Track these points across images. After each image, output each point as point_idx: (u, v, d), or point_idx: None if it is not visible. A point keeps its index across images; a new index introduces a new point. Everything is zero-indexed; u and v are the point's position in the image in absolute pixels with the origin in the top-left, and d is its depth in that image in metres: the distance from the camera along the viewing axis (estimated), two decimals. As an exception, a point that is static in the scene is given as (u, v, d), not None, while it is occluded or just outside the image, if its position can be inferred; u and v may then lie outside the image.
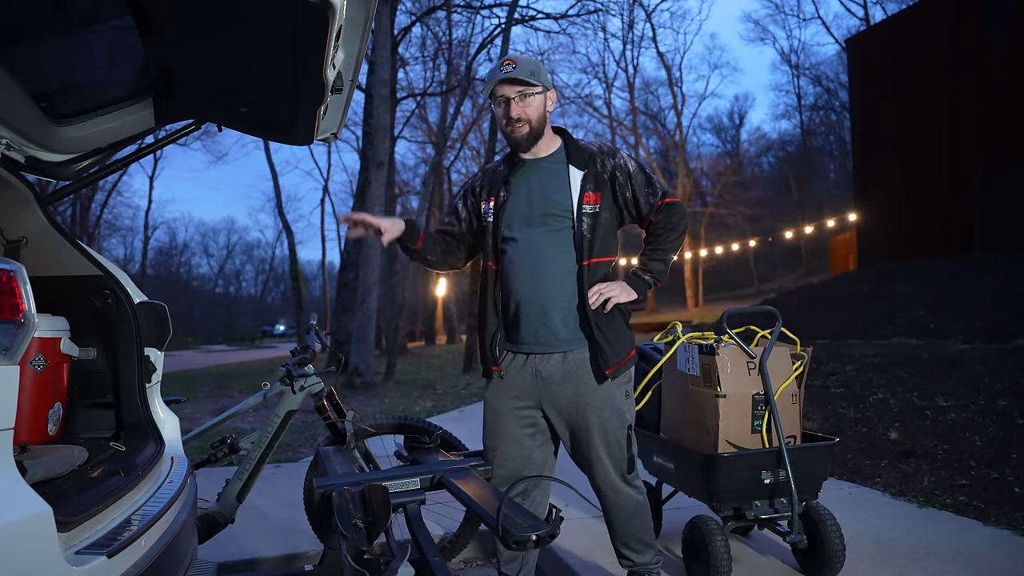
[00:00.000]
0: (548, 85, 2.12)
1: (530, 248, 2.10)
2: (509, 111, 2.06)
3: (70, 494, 1.38)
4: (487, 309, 2.16)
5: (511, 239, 2.13)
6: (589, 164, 2.11)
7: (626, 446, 2.10)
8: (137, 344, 2.06)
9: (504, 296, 2.15)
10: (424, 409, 7.54)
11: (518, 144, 2.11)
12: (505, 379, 2.14)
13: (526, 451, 2.15)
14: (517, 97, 2.05)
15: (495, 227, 2.14)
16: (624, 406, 2.11)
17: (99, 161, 2.33)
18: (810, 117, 40.09)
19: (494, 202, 2.16)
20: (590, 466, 2.11)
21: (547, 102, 2.12)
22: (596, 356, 2.05)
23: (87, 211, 30.74)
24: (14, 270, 1.14)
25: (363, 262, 10.26)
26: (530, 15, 16.02)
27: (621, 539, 2.18)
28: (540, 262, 2.09)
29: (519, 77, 2.03)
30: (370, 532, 1.58)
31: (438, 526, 2.86)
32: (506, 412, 2.13)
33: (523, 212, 2.12)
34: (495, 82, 2.07)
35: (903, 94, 13.17)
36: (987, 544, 2.66)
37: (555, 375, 2.08)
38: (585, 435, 2.08)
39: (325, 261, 38.05)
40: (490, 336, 2.14)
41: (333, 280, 26.09)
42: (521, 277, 2.10)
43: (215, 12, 1.66)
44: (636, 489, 2.15)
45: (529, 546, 1.45)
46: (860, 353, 6.45)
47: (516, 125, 2.07)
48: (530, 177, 2.14)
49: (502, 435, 2.14)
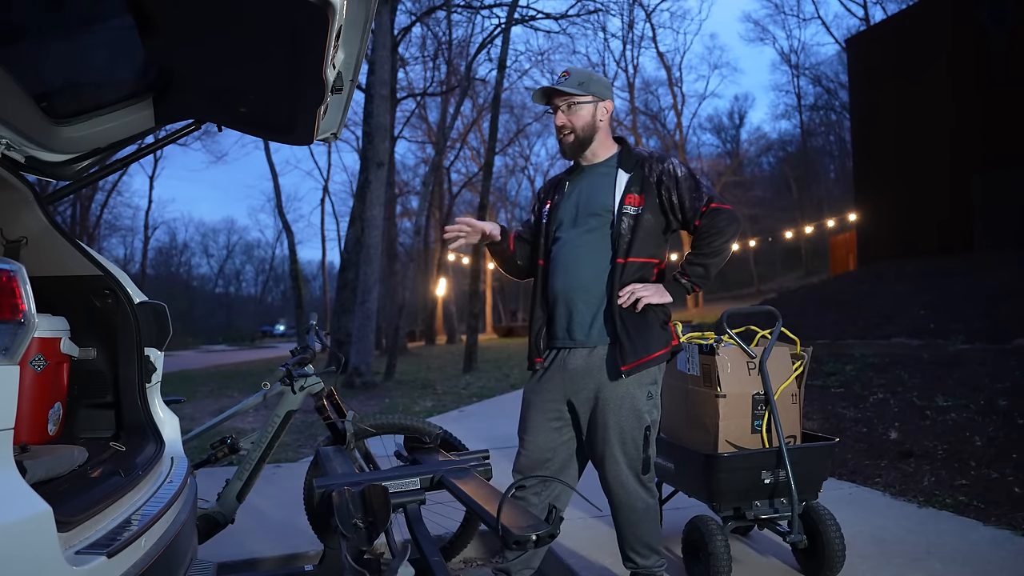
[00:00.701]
0: (602, 96, 2.20)
1: (571, 246, 2.20)
2: (556, 119, 2.19)
3: (70, 494, 1.38)
4: (535, 304, 2.27)
5: (558, 238, 2.24)
6: (636, 168, 2.17)
7: (643, 446, 2.11)
8: (137, 344, 2.06)
9: (546, 292, 2.24)
10: (424, 409, 7.54)
11: (564, 151, 2.25)
12: (543, 375, 2.23)
13: (551, 443, 2.21)
14: (565, 106, 2.17)
15: (547, 227, 2.27)
16: (644, 407, 2.10)
17: (99, 161, 2.33)
18: (810, 117, 40.09)
19: (550, 204, 2.30)
20: (602, 461, 2.12)
21: (598, 111, 2.20)
22: (615, 352, 2.08)
23: (87, 211, 30.77)
24: (14, 270, 1.14)
25: (363, 262, 10.25)
26: (530, 15, 16.03)
27: (627, 542, 2.18)
28: (576, 259, 2.17)
29: (562, 88, 2.15)
30: (370, 532, 1.58)
31: (438, 526, 2.86)
32: (536, 404, 2.22)
33: (571, 212, 2.23)
34: (540, 95, 2.21)
35: (903, 94, 13.16)
36: (987, 544, 2.66)
37: (579, 368, 2.13)
38: (601, 431, 2.10)
39: (325, 261, 38.16)
40: (536, 331, 2.25)
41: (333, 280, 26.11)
42: (559, 274, 2.20)
43: (215, 12, 1.66)
44: (648, 491, 2.15)
45: (529, 546, 1.45)
46: (860, 353, 6.45)
47: (562, 133, 2.19)
48: (583, 181, 2.25)
49: (530, 426, 2.22)
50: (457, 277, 33.65)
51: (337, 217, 36.83)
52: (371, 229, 10.08)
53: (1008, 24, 11.08)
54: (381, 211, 10.38)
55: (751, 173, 39.63)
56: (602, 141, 2.23)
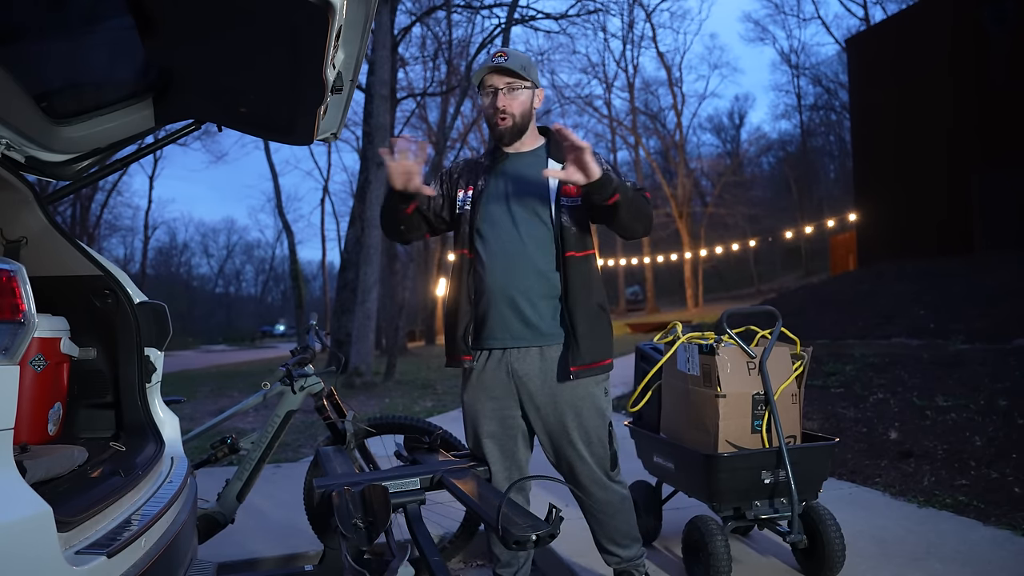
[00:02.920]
0: (537, 83, 2.14)
1: (506, 239, 2.08)
2: (496, 101, 2.07)
3: (70, 494, 1.38)
4: (460, 297, 2.13)
5: (487, 228, 2.11)
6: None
7: (608, 443, 2.10)
8: (137, 344, 2.06)
9: (476, 287, 2.12)
10: (424, 409, 7.54)
11: (501, 136, 2.12)
12: (480, 378, 2.12)
13: (508, 451, 2.13)
14: (505, 88, 2.07)
15: (472, 215, 2.13)
16: (604, 403, 2.10)
17: (99, 161, 2.33)
18: (810, 117, 40.11)
19: (472, 190, 2.15)
20: (572, 465, 2.08)
21: (534, 99, 2.14)
22: (567, 353, 2.03)
23: (87, 211, 30.75)
24: (14, 270, 1.14)
25: (363, 262, 10.25)
26: (530, 15, 16.05)
27: (608, 536, 2.16)
28: (516, 254, 2.06)
29: (509, 67, 2.04)
30: (370, 532, 1.58)
31: (438, 526, 2.86)
32: (485, 413, 2.12)
33: (501, 202, 2.11)
34: (485, 70, 2.08)
35: (903, 94, 13.16)
36: (987, 544, 2.66)
37: (532, 372, 2.05)
38: (566, 434, 2.05)
39: (325, 261, 38.15)
40: (463, 326, 2.10)
41: (333, 280, 26.09)
42: (496, 268, 2.07)
43: (215, 12, 1.66)
44: (622, 484, 2.15)
45: (529, 546, 1.45)
46: (860, 353, 6.45)
47: (500, 117, 2.08)
48: (509, 169, 2.15)
49: (484, 437, 2.13)
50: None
51: (337, 217, 36.88)
52: (371, 229, 10.08)
53: (1008, 24, 11.08)
54: (381, 211, 10.37)
55: (751, 173, 39.59)
56: (531, 131, 2.17)
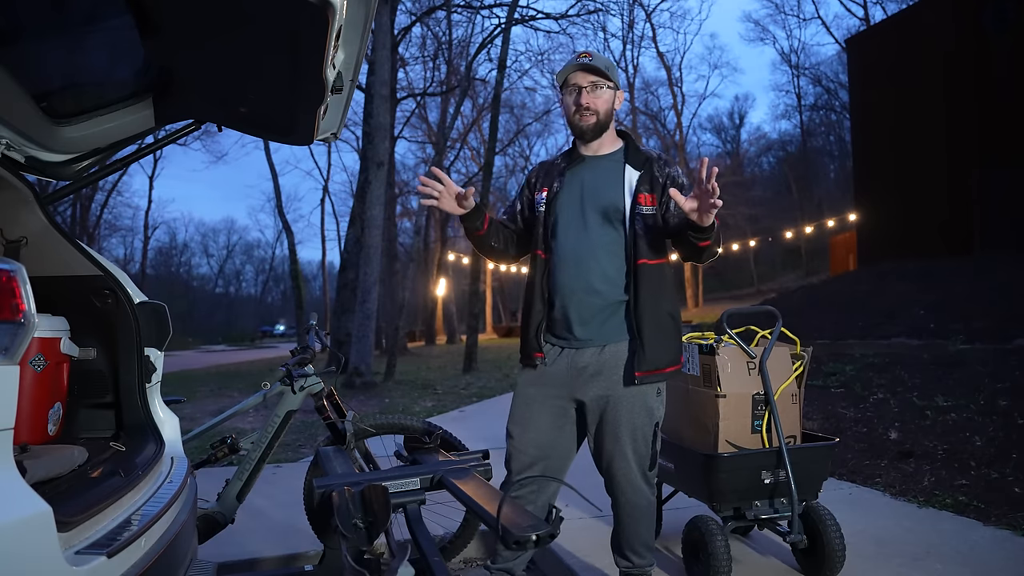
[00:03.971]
0: (619, 85, 2.17)
1: (580, 242, 2.12)
2: (580, 98, 2.10)
3: (70, 494, 1.38)
4: (534, 297, 2.18)
5: (562, 230, 2.15)
6: (646, 166, 2.12)
7: (651, 442, 2.10)
8: (137, 344, 2.06)
9: (550, 287, 2.16)
10: (424, 409, 7.54)
11: (583, 133, 2.14)
12: (542, 371, 2.15)
13: (550, 441, 2.15)
14: (589, 87, 2.10)
15: (546, 216, 2.17)
16: (655, 403, 2.10)
17: (99, 161, 2.33)
18: (810, 117, 40.10)
19: (547, 192, 2.20)
20: (612, 461, 2.10)
21: (616, 100, 2.17)
22: (632, 357, 2.05)
23: (87, 211, 30.77)
24: (14, 270, 1.14)
25: (363, 262, 10.25)
26: (530, 15, 16.02)
27: (628, 542, 2.16)
28: (589, 257, 2.10)
29: (595, 66, 2.08)
30: (370, 532, 1.58)
31: (438, 526, 2.86)
32: (538, 400, 2.15)
33: (575, 205, 2.14)
34: (572, 68, 2.11)
35: (903, 94, 13.15)
36: (987, 544, 2.66)
37: (590, 367, 2.09)
38: (613, 429, 2.07)
39: (325, 261, 38.17)
40: (535, 324, 2.16)
41: (333, 280, 26.09)
42: (568, 270, 2.12)
43: (215, 12, 1.66)
44: (651, 489, 2.15)
45: (529, 546, 1.45)
46: (860, 353, 6.45)
47: (585, 113, 2.10)
48: (586, 171, 2.18)
49: (531, 423, 2.15)
50: (457, 277, 33.62)
51: (337, 217, 36.84)
52: (371, 229, 10.08)
53: (1008, 24, 11.08)
54: (381, 211, 10.38)
55: (751, 173, 39.63)
56: (610, 132, 2.19)
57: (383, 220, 10.82)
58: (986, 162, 11.47)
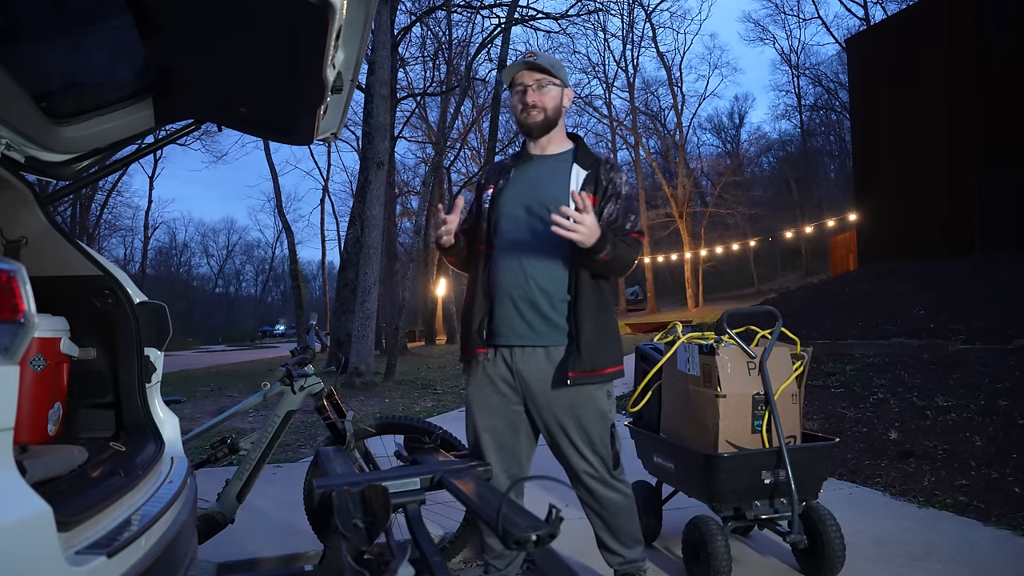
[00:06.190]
0: (566, 83, 2.17)
1: (521, 237, 2.09)
2: (525, 97, 2.11)
3: (70, 494, 1.38)
4: (476, 291, 2.15)
5: (503, 225, 2.13)
6: (593, 167, 2.12)
7: (610, 444, 2.10)
8: (137, 344, 2.06)
9: (490, 282, 2.13)
10: (424, 409, 7.54)
11: (530, 130, 2.15)
12: (486, 372, 2.13)
13: (508, 446, 2.14)
14: (535, 85, 2.11)
15: (490, 212, 2.16)
16: (607, 406, 2.09)
17: (99, 161, 2.33)
18: (810, 117, 40.13)
19: (492, 189, 2.19)
20: (575, 466, 2.10)
21: (563, 98, 2.17)
22: (568, 357, 2.03)
23: (87, 211, 30.78)
24: (14, 270, 1.14)
25: (363, 262, 10.24)
26: (530, 15, 16.03)
27: (614, 537, 2.16)
28: (529, 252, 2.07)
29: (540, 64, 2.10)
30: (370, 532, 1.58)
31: (438, 526, 2.86)
32: (487, 407, 2.14)
33: (519, 200, 2.12)
34: (518, 67, 2.12)
35: (903, 94, 13.15)
36: (987, 544, 2.66)
37: (534, 372, 2.06)
38: (568, 435, 2.07)
39: (325, 261, 38.20)
40: (478, 319, 2.12)
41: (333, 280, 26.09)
42: (510, 267, 2.09)
43: (215, 12, 1.66)
44: (625, 483, 2.15)
45: (529, 546, 1.45)
46: (860, 353, 6.45)
47: (531, 111, 2.11)
48: (532, 169, 2.18)
49: (481, 430, 2.15)
50: (457, 277, 33.60)
51: (337, 217, 36.87)
52: (371, 229, 10.08)
53: (1008, 24, 11.08)
54: (381, 211, 10.38)
55: (751, 173, 39.63)
56: (559, 131, 2.19)
57: (383, 220, 10.81)
58: (986, 162, 11.47)
